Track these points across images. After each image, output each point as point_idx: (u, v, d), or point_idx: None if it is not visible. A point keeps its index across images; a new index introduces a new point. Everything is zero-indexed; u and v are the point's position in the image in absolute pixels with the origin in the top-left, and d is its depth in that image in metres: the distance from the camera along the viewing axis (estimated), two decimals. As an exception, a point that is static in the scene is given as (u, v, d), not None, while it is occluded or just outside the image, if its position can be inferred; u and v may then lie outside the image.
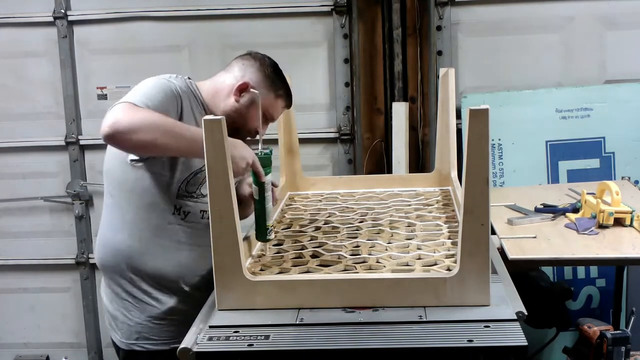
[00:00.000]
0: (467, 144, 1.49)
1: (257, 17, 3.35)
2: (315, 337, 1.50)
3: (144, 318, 2.03)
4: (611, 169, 3.20)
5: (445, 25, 3.25)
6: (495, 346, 1.44)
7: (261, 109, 2.00)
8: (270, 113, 2.06)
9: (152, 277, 2.01)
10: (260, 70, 2.04)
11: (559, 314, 2.63)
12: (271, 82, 2.04)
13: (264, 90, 2.03)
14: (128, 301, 2.04)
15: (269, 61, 2.08)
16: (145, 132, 1.75)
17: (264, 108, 2.02)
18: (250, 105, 2.02)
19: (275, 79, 2.05)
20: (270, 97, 2.04)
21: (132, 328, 2.04)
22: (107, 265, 2.06)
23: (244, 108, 2.02)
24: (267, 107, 2.04)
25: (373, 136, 3.36)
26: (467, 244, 1.54)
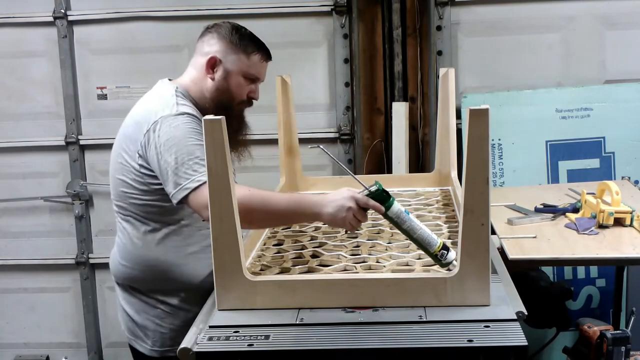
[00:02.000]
0: (467, 144, 1.49)
1: (257, 17, 3.34)
2: (315, 337, 1.50)
3: (178, 324, 2.00)
4: (611, 169, 3.20)
5: (445, 25, 3.25)
6: (495, 346, 1.44)
7: (241, 74, 1.98)
8: (252, 74, 2.02)
9: (189, 285, 1.99)
10: (222, 38, 1.99)
11: (559, 314, 2.63)
12: (237, 44, 1.99)
13: (233, 55, 1.99)
14: (160, 309, 2.02)
15: (228, 25, 2.02)
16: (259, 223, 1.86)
17: (243, 72, 1.99)
18: (227, 76, 1.99)
19: (240, 39, 2.00)
20: (243, 59, 1.99)
21: (166, 335, 2.02)
22: (135, 280, 2.02)
23: (222, 82, 1.99)
24: (246, 70, 2.00)
25: (373, 136, 3.36)
26: (467, 244, 1.54)
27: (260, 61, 2.03)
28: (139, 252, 2.00)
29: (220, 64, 1.99)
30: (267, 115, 3.21)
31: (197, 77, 2.02)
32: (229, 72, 1.99)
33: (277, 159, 2.49)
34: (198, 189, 1.76)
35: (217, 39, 2.00)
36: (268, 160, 3.26)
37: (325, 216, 1.73)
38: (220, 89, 2.00)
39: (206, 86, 2.01)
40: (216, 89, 2.00)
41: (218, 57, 1.98)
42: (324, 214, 1.73)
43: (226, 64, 1.99)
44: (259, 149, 3.32)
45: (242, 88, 2.00)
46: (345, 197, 1.71)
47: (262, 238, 2.01)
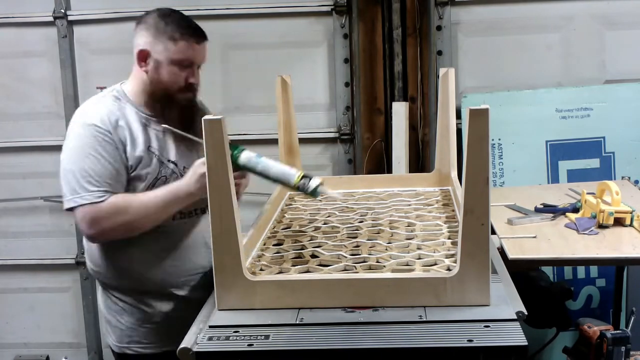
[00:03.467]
0: (467, 144, 1.49)
1: (257, 17, 3.35)
2: (315, 337, 1.50)
3: (134, 322, 2.06)
4: (611, 169, 3.20)
5: (445, 25, 3.25)
6: (495, 346, 1.44)
7: (171, 62, 1.92)
8: (183, 59, 1.94)
9: (140, 285, 2.04)
10: (148, 28, 1.94)
11: (559, 314, 2.63)
12: (162, 31, 1.92)
13: (160, 45, 1.92)
14: (119, 306, 2.07)
15: (155, 13, 1.96)
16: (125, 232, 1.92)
17: (172, 59, 1.92)
18: (157, 66, 1.94)
19: (164, 24, 1.93)
20: (170, 46, 1.92)
21: (123, 332, 2.07)
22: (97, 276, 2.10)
23: (154, 74, 1.95)
24: (175, 57, 1.93)
25: (373, 136, 3.36)
26: (467, 244, 1.54)
27: (190, 45, 1.94)
28: (94, 251, 2.05)
29: (150, 56, 1.94)
30: (267, 115, 3.22)
31: (135, 73, 2.00)
32: (159, 62, 1.93)
33: (278, 159, 2.49)
34: (82, 207, 1.87)
35: (145, 29, 1.95)
36: (268, 160, 3.26)
37: (194, 190, 1.88)
38: (154, 81, 1.96)
39: (143, 80, 1.98)
40: (150, 81, 1.96)
41: (147, 49, 1.93)
42: (193, 190, 1.88)
43: (155, 54, 1.93)
44: (259, 148, 3.34)
45: (176, 76, 1.93)
46: (196, 165, 1.88)
47: (262, 238, 2.01)
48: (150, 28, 1.94)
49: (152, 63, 1.94)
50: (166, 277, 2.04)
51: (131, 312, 2.06)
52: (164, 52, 1.92)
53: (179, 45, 1.92)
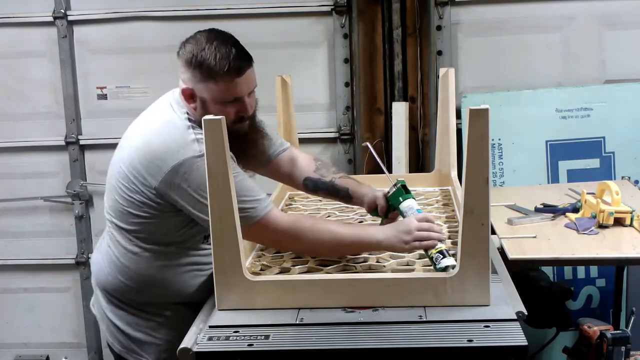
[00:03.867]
0: (467, 144, 1.49)
1: (257, 17, 3.34)
2: (315, 337, 1.50)
3: (175, 335, 1.89)
4: (611, 169, 3.20)
5: (445, 25, 3.24)
6: (495, 346, 1.44)
7: (215, 102, 1.80)
8: (231, 95, 1.81)
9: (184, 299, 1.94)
10: (186, 66, 1.82)
11: (559, 314, 2.63)
12: (200, 69, 1.79)
13: (200, 84, 1.80)
14: (155, 321, 1.96)
15: (190, 43, 1.82)
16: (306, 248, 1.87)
17: (216, 99, 1.80)
18: (204, 105, 1.82)
19: (200, 66, 1.79)
20: (211, 86, 1.79)
21: (161, 347, 1.96)
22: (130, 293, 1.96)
23: (203, 112, 1.79)
24: (218, 96, 1.80)
25: (373, 136, 3.36)
26: (467, 244, 1.54)
27: (232, 80, 1.80)
28: (134, 267, 1.92)
29: (195, 94, 1.82)
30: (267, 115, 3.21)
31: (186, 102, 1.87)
32: (205, 101, 1.81)
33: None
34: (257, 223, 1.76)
35: (183, 66, 1.82)
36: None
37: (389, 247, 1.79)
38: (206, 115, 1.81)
39: (194, 114, 1.85)
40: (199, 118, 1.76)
41: (190, 87, 1.82)
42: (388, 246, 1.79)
43: (199, 93, 1.81)
44: (259, 149, 3.35)
45: (222, 113, 1.75)
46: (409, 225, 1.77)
47: (262, 238, 2.01)
48: (187, 66, 1.81)
49: (198, 101, 1.82)
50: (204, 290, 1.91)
51: (171, 325, 1.94)
52: (207, 92, 1.80)
53: (219, 85, 1.79)
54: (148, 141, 1.81)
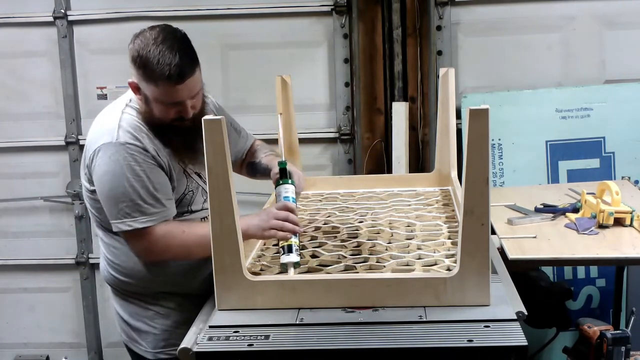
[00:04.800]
0: (467, 144, 1.49)
1: (257, 17, 3.34)
2: (315, 337, 1.50)
3: (170, 324, 2.02)
4: (611, 169, 3.20)
5: (445, 25, 3.25)
6: (495, 346, 1.44)
7: (156, 101, 1.82)
8: (170, 99, 1.83)
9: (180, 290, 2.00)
10: (132, 62, 1.82)
11: (559, 314, 2.63)
12: (143, 69, 1.79)
13: (144, 82, 1.82)
14: (152, 310, 2.02)
15: (137, 45, 1.81)
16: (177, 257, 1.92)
17: (157, 99, 1.82)
18: (147, 101, 1.85)
19: (144, 66, 1.79)
20: (152, 87, 1.81)
21: (158, 336, 2.03)
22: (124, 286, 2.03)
23: (146, 107, 1.87)
24: (159, 97, 1.82)
25: (373, 136, 3.36)
26: (467, 244, 1.54)
27: (171, 86, 1.80)
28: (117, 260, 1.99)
29: (140, 89, 1.85)
30: (267, 115, 3.21)
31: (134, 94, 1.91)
32: (147, 98, 1.85)
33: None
34: (135, 233, 1.84)
35: (130, 62, 1.83)
36: (268, 160, 3.26)
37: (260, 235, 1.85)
38: (146, 113, 1.88)
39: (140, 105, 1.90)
40: (144, 113, 1.88)
41: (135, 82, 1.85)
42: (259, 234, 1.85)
43: (143, 89, 1.84)
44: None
45: (165, 112, 1.84)
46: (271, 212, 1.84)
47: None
48: (134, 61, 1.82)
49: (142, 96, 1.86)
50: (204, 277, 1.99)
51: (167, 315, 2.02)
52: (149, 91, 1.83)
53: (159, 88, 1.80)
54: (91, 127, 1.95)
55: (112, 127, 1.86)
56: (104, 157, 1.84)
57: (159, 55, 1.77)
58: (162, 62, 1.77)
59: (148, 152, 1.85)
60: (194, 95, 1.87)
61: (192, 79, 1.83)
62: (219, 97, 3.36)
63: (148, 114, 1.88)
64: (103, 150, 1.84)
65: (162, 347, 2.03)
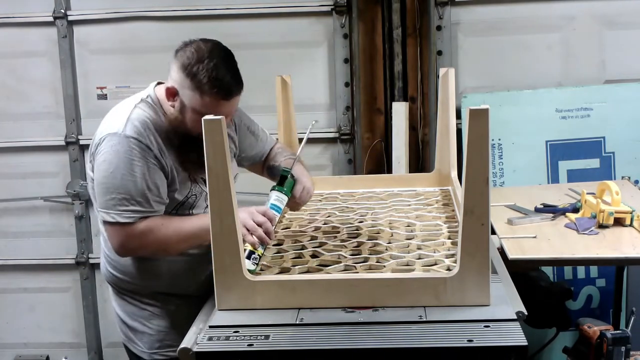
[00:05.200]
0: (467, 144, 1.49)
1: (257, 17, 3.34)
2: (315, 337, 1.50)
3: (166, 325, 2.02)
4: (611, 169, 3.20)
5: (445, 25, 3.25)
6: (495, 346, 1.44)
7: (195, 112, 1.83)
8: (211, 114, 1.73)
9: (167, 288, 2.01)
10: (180, 69, 1.83)
11: (559, 314, 2.63)
12: (192, 77, 1.81)
13: (188, 91, 1.83)
14: (148, 311, 2.03)
15: (190, 54, 1.84)
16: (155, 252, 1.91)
17: (196, 110, 1.83)
18: (182, 109, 1.86)
19: (195, 76, 1.81)
20: (197, 97, 1.82)
21: (153, 337, 2.03)
22: (120, 284, 2.05)
23: (179, 114, 1.87)
24: (199, 109, 1.82)
25: (373, 136, 3.36)
26: (467, 244, 1.54)
27: (217, 101, 1.83)
28: (116, 257, 1.99)
29: (178, 96, 1.85)
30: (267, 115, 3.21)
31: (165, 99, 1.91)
32: (185, 106, 1.85)
33: (277, 159, 2.49)
34: (116, 225, 1.84)
35: (178, 68, 1.84)
36: (268, 160, 3.26)
37: None
38: (177, 119, 1.88)
39: (168, 109, 1.90)
40: (174, 118, 1.88)
41: (175, 88, 1.85)
42: None
43: (182, 97, 1.85)
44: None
45: (196, 123, 1.77)
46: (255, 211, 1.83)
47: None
48: (181, 70, 1.83)
49: (178, 103, 1.86)
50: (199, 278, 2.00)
51: (163, 316, 2.02)
52: (191, 100, 1.83)
53: (204, 99, 1.82)
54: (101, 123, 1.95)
55: (122, 119, 1.88)
56: (106, 146, 1.85)
57: (212, 69, 1.80)
58: (214, 76, 1.80)
59: (151, 151, 1.85)
60: (230, 115, 1.92)
61: (236, 99, 1.88)
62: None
63: (179, 122, 1.88)
64: (107, 140, 1.86)
65: (157, 348, 2.03)
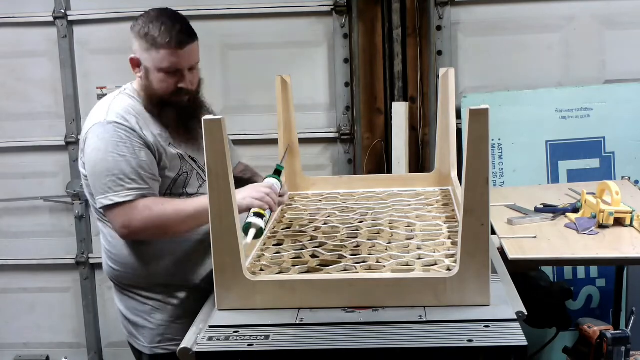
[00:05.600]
0: (467, 144, 1.49)
1: (257, 17, 3.34)
2: (315, 337, 1.50)
3: (166, 319, 2.04)
4: (611, 169, 3.20)
5: (445, 25, 3.25)
6: (495, 346, 1.44)
7: (157, 70, 1.95)
8: (167, 67, 1.96)
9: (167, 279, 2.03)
10: (137, 34, 1.97)
11: (559, 314, 2.63)
12: (147, 39, 1.94)
13: (146, 53, 1.96)
14: (149, 305, 2.05)
15: (142, 17, 1.99)
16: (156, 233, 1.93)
17: (158, 67, 1.95)
18: (147, 74, 1.97)
19: (148, 30, 1.94)
20: (154, 54, 1.95)
21: (154, 331, 2.05)
22: (121, 278, 2.07)
23: (146, 81, 1.98)
24: (160, 65, 1.95)
25: (373, 136, 3.36)
26: (467, 244, 1.54)
27: (173, 52, 1.94)
28: (119, 251, 2.03)
29: (141, 63, 1.98)
30: (267, 115, 3.21)
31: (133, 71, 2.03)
32: (148, 70, 1.97)
33: (277, 159, 2.49)
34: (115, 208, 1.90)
35: (135, 36, 1.98)
36: (268, 160, 3.25)
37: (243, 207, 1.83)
38: (146, 87, 1.99)
39: (140, 85, 2.02)
40: (144, 87, 2.00)
41: (137, 56, 1.98)
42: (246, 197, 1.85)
43: (144, 62, 1.97)
44: (259, 148, 3.35)
45: (164, 83, 1.96)
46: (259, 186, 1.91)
47: (262, 238, 2.01)
48: (139, 35, 1.96)
49: (143, 70, 1.98)
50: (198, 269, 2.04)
51: (163, 310, 2.05)
52: (151, 61, 1.95)
53: (161, 53, 1.94)
54: None
55: (103, 110, 1.97)
56: (93, 138, 1.93)
57: (161, 25, 1.93)
58: (164, 29, 1.93)
59: (135, 132, 1.93)
60: (192, 65, 2.00)
61: (191, 47, 1.97)
62: (219, 97, 3.37)
63: (148, 87, 1.98)
64: (92, 131, 1.94)
65: (159, 342, 2.05)
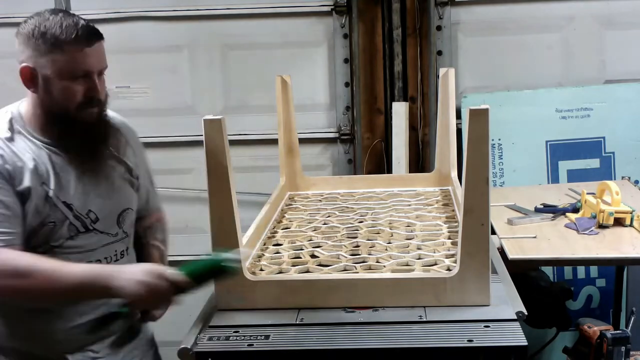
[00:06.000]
0: (467, 144, 1.49)
1: (257, 17, 3.34)
2: (315, 337, 1.50)
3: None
4: (611, 169, 3.20)
5: (445, 25, 3.25)
6: (495, 346, 1.44)
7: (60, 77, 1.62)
8: (79, 68, 1.63)
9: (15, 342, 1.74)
10: (27, 41, 1.64)
11: (559, 314, 2.63)
12: (44, 40, 1.61)
13: (43, 57, 1.61)
14: None
15: (30, 23, 1.65)
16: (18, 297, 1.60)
17: (62, 70, 1.61)
18: (46, 84, 1.63)
19: (47, 30, 1.61)
20: (56, 56, 1.61)
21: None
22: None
23: (45, 93, 1.64)
24: (69, 65, 1.62)
25: (373, 136, 3.36)
26: (467, 244, 1.54)
27: (80, 50, 1.62)
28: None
29: (36, 73, 1.64)
30: (267, 115, 3.21)
31: (27, 93, 1.70)
32: (47, 79, 1.62)
33: (277, 159, 2.49)
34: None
35: (23, 43, 1.65)
36: (268, 160, 3.26)
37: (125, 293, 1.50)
38: (46, 102, 1.65)
39: (35, 102, 1.67)
40: (42, 102, 1.65)
41: (29, 65, 1.64)
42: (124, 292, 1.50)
43: (41, 70, 1.63)
44: (259, 149, 3.35)
45: (70, 92, 1.62)
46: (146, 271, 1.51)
47: (262, 238, 2.01)
48: (32, 36, 1.63)
49: (40, 81, 1.64)
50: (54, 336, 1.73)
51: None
52: (51, 66, 1.61)
53: (66, 55, 1.61)
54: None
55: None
56: None
57: (61, 21, 1.62)
58: (66, 25, 1.62)
59: None
60: (102, 70, 1.71)
61: (100, 46, 1.69)
62: (219, 97, 3.37)
63: (47, 102, 1.65)
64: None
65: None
